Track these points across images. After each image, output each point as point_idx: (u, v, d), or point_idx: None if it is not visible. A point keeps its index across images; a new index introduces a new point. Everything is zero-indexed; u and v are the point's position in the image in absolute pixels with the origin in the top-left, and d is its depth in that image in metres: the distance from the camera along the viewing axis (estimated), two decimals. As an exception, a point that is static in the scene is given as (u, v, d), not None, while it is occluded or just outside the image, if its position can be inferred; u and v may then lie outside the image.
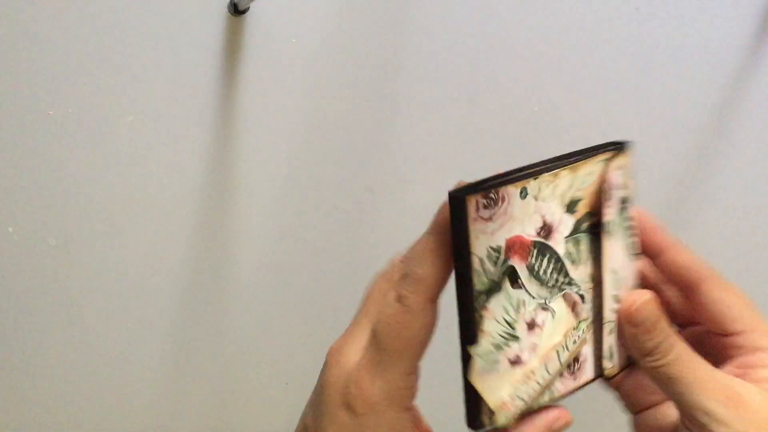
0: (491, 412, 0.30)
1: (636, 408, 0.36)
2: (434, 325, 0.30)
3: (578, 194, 0.31)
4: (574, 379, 0.32)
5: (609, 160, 0.32)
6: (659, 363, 0.31)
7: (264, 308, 0.63)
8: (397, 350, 0.29)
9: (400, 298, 0.29)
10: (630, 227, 0.34)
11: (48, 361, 0.60)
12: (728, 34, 0.65)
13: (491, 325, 0.30)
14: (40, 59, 0.53)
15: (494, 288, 0.29)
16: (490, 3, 0.60)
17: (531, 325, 0.31)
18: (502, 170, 0.30)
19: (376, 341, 0.30)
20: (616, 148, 0.33)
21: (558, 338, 0.31)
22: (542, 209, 0.30)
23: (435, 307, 0.30)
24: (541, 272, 0.30)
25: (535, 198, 0.30)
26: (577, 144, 0.33)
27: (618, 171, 0.32)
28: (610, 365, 0.33)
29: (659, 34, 0.64)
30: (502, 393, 0.30)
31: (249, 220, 0.60)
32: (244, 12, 0.55)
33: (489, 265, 0.29)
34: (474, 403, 0.30)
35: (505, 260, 0.29)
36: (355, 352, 0.30)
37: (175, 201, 0.58)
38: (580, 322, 0.32)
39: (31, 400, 0.61)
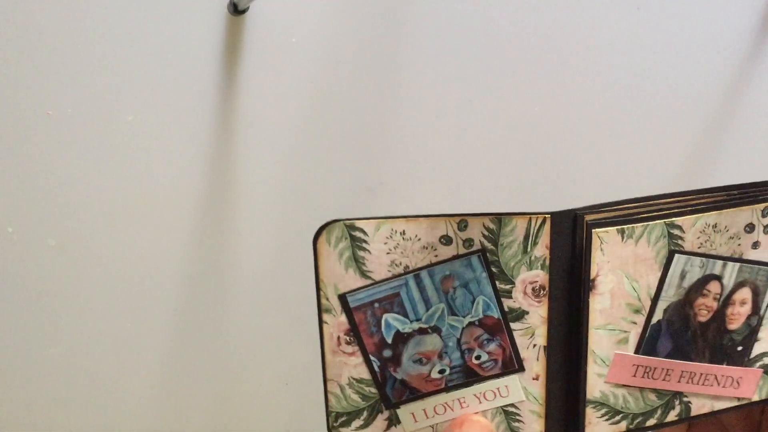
0: None
1: None
2: None
3: None
4: None
5: None
6: None
7: (264, 308, 0.63)
8: None
9: None
10: None
11: (47, 362, 0.60)
12: (728, 34, 0.65)
13: None
14: (39, 59, 0.53)
15: None
16: (491, 3, 0.60)
17: None
18: None
19: None
20: None
21: None
22: None
23: None
24: None
25: None
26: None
27: None
28: None
29: (660, 34, 0.64)
30: None
31: (249, 221, 0.60)
32: (243, 11, 0.55)
33: None
34: None
35: None
36: None
37: (175, 201, 0.58)
38: None
39: (31, 400, 0.61)
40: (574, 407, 0.32)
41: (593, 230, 0.30)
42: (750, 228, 0.32)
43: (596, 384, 0.32)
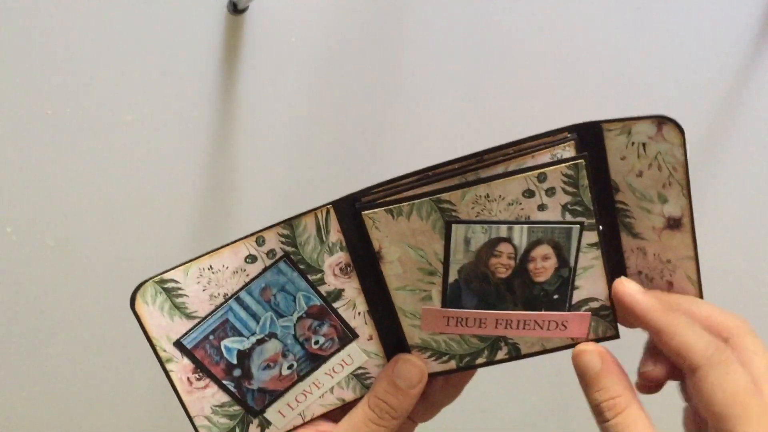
0: None
1: None
2: None
3: None
4: None
5: None
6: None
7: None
8: None
9: None
10: None
11: (47, 362, 0.60)
12: (728, 34, 0.65)
13: None
14: (37, 58, 0.53)
15: None
16: (491, 3, 0.60)
17: None
18: None
19: None
20: None
21: None
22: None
23: None
24: None
25: None
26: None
27: None
28: None
29: (659, 33, 0.64)
30: None
31: (248, 220, 0.60)
32: (243, 11, 0.55)
33: None
34: None
35: None
36: None
37: (175, 201, 0.58)
38: None
39: (31, 400, 0.61)
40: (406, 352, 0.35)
41: (362, 213, 0.33)
42: (529, 194, 0.32)
43: (414, 333, 0.35)
